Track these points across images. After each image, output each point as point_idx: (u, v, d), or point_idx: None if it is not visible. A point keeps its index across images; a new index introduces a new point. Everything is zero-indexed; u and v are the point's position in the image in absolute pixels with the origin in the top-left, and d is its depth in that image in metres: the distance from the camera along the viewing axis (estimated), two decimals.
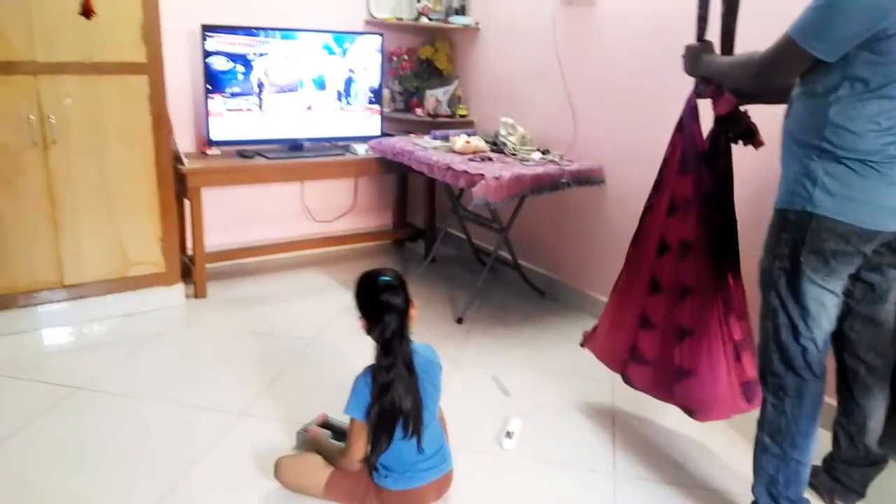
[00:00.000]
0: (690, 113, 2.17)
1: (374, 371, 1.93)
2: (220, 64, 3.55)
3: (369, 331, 1.95)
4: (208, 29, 3.46)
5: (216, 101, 3.57)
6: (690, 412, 2.25)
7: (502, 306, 3.67)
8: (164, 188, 3.22)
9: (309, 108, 3.89)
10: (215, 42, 3.51)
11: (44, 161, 2.91)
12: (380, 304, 1.90)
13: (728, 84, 2.03)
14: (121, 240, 3.17)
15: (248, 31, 3.59)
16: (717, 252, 2.15)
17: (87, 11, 2.86)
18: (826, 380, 1.90)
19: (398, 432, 1.92)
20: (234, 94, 3.63)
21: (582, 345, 2.61)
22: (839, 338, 1.96)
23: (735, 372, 2.16)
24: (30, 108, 2.84)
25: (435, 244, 4.13)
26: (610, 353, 2.46)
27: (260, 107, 3.73)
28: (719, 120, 2.13)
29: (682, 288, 2.19)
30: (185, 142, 3.69)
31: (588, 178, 3.30)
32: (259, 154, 3.74)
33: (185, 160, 3.38)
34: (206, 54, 3.50)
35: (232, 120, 3.65)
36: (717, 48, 2.16)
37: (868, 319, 1.94)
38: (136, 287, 3.27)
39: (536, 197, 3.27)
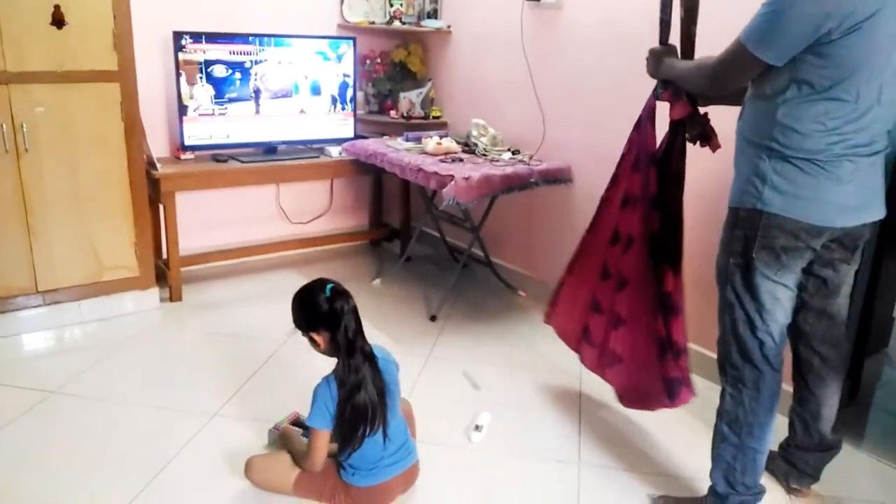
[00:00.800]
0: (647, 114, 2.21)
1: (339, 376, 1.97)
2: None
3: (326, 341, 2.00)
4: (180, 35, 3.48)
5: (190, 106, 3.60)
6: (619, 397, 2.46)
7: (475, 303, 3.73)
8: (137, 193, 3.24)
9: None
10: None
11: (16, 169, 2.93)
12: (335, 311, 1.96)
13: (687, 87, 2.07)
14: (95, 245, 3.19)
15: (221, 37, 3.61)
16: (654, 251, 2.20)
17: (58, 21, 2.88)
18: (783, 370, 1.96)
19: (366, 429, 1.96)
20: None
21: (546, 322, 2.68)
22: (794, 330, 2.02)
23: (658, 368, 2.22)
24: (2, 117, 2.85)
25: (410, 243, 4.17)
26: (567, 332, 2.58)
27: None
28: (674, 124, 2.16)
29: (622, 278, 2.29)
30: (159, 147, 3.71)
31: (556, 178, 3.36)
32: (233, 158, 3.76)
33: (158, 165, 3.39)
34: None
35: (206, 125, 3.67)
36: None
37: (821, 312, 2.01)
38: (111, 292, 3.29)
39: (507, 196, 3.33)
